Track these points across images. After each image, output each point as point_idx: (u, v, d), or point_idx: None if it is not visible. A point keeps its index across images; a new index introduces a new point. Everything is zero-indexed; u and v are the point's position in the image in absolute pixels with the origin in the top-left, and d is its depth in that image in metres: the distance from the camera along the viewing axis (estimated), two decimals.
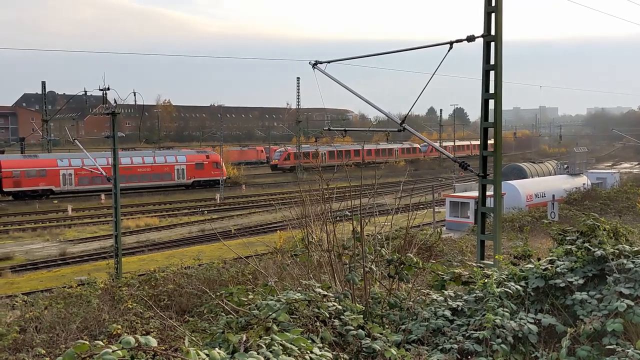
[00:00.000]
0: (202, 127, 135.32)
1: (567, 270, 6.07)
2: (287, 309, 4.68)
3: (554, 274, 6.02)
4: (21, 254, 35.72)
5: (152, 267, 23.78)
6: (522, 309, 5.68)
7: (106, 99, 25.46)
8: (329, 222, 6.23)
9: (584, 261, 6.13)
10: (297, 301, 4.69)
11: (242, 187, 71.20)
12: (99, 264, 30.71)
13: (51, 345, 14.11)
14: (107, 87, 24.71)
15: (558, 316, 5.61)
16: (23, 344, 14.23)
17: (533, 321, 5.32)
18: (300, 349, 3.04)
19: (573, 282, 5.82)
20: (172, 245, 38.00)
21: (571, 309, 5.56)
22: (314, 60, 13.81)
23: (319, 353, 3.06)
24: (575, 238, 6.88)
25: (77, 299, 16.71)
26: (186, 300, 17.36)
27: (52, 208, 54.81)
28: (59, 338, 14.59)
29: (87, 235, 41.95)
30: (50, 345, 13.97)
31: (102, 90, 24.91)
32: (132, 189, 62.17)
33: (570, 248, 6.45)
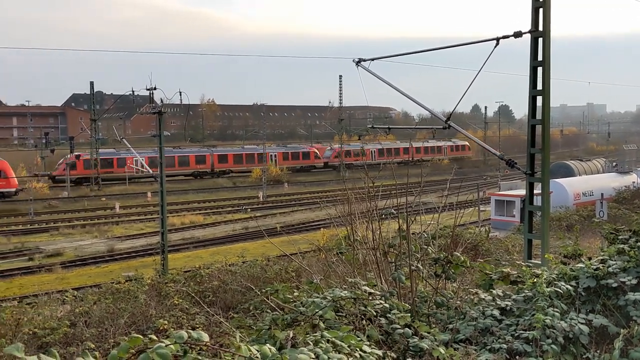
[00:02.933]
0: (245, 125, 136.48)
1: (620, 270, 5.92)
2: (333, 307, 4.68)
3: (605, 274, 5.88)
4: (71, 250, 36.63)
5: (197, 263, 24.11)
6: (573, 309, 5.56)
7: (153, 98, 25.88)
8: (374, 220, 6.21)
9: (638, 261, 5.97)
10: (344, 299, 4.69)
11: (284, 185, 71.56)
12: (146, 261, 31.27)
13: (100, 339, 14.42)
14: (153, 87, 25.14)
15: (610, 317, 5.48)
16: (73, 338, 14.58)
17: (584, 322, 5.20)
18: (350, 346, 3.04)
19: (626, 283, 5.67)
20: (217, 242, 38.44)
21: (624, 309, 5.42)
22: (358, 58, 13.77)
23: (368, 350, 3.05)
24: (628, 237, 6.70)
25: (125, 295, 17.04)
26: (230, 297, 17.53)
27: (101, 205, 56.05)
28: (107, 332, 14.91)
29: (134, 232, 42.77)
30: (99, 340, 14.28)
31: (149, 90, 25.35)
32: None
33: (623, 247, 6.28)
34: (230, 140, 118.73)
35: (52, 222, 46.93)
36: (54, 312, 16.82)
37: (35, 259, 34.07)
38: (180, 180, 71.19)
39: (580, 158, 65.35)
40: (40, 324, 15.28)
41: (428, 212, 7.57)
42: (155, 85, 25.05)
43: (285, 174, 76.32)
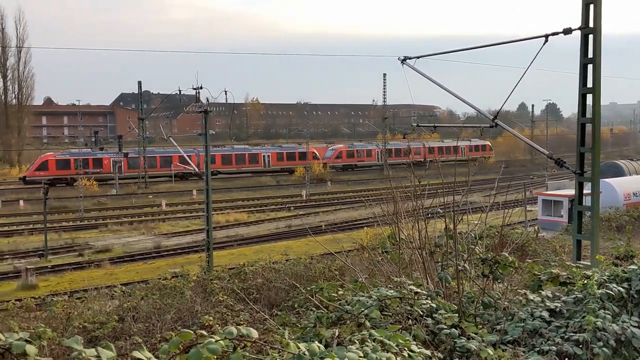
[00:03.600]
0: (289, 124, 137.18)
1: None
2: (379, 306, 4.67)
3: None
4: (119, 246, 37.43)
5: (242, 261, 24.34)
6: (625, 312, 5.43)
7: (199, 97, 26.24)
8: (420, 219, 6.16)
9: None
10: (390, 298, 4.67)
11: (327, 183, 71.64)
12: (191, 257, 31.73)
13: (147, 334, 14.69)
14: (199, 86, 25.49)
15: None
16: (121, 333, 14.89)
17: (637, 325, 5.07)
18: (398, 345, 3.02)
19: None
20: (260, 240, 38.74)
21: None
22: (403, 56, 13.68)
23: (417, 350, 3.03)
24: None
25: (172, 291, 17.32)
26: (274, 295, 17.65)
27: (148, 203, 57.10)
28: (154, 328, 15.18)
29: (180, 229, 43.43)
30: (146, 335, 14.54)
31: (195, 89, 25.72)
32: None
33: None
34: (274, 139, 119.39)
35: (101, 219, 48.00)
36: (103, 307, 17.20)
37: (85, 254, 34.92)
38: (224, 179, 71.96)
39: (630, 157, 63.60)
40: (90, 318, 15.65)
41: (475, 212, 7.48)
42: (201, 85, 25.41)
43: (329, 173, 76.25)
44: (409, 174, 6.68)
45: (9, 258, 34.20)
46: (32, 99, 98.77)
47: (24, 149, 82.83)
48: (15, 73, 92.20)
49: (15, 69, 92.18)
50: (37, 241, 37.31)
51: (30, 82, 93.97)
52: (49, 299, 22.28)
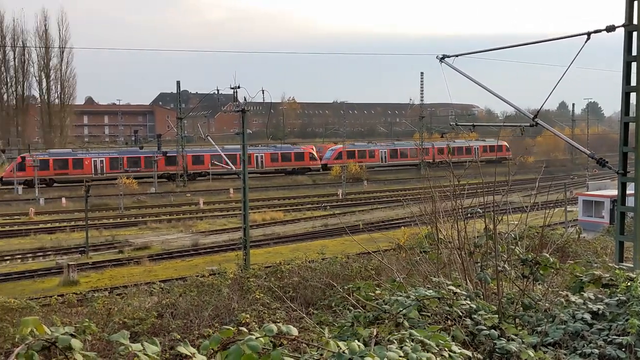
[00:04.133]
0: (325, 123, 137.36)
1: None
2: (417, 306, 4.64)
3: None
4: (158, 243, 37.96)
5: (278, 259, 24.48)
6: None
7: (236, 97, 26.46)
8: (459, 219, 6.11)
9: None
10: (428, 298, 4.65)
11: (364, 182, 71.52)
12: (228, 255, 31.99)
13: (185, 331, 14.89)
14: (237, 86, 25.70)
15: None
16: (160, 329, 15.11)
17: None
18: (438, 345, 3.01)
19: None
20: (296, 239, 38.87)
21: None
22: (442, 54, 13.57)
23: (458, 351, 3.01)
24: None
25: (209, 288, 17.53)
26: (310, 293, 17.71)
27: (186, 201, 57.80)
28: (192, 324, 15.38)
29: (217, 227, 43.85)
30: (184, 331, 14.75)
31: (233, 88, 25.92)
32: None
33: None
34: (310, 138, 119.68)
35: (141, 216, 48.77)
36: (142, 303, 17.49)
37: (125, 251, 35.51)
38: (261, 178, 72.40)
39: None
40: (130, 314, 15.94)
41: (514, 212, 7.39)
42: (239, 84, 25.61)
43: (365, 172, 76.02)
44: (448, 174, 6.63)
45: (52, 254, 35.01)
46: (74, 99, 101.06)
47: (66, 147, 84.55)
48: (58, 73, 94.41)
49: (58, 69, 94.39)
50: (79, 238, 38.08)
51: (72, 82, 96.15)
52: (89, 294, 22.76)
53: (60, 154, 69.27)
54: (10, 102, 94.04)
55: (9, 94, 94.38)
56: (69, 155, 69.29)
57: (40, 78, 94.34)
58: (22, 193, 61.13)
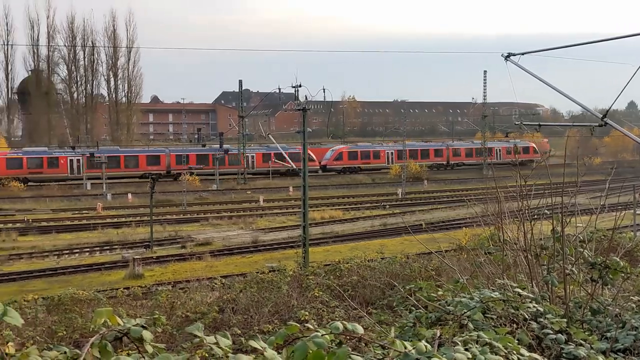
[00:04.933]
0: (385, 122, 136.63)
1: None
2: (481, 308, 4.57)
3: None
4: (219, 240, 38.60)
5: (337, 258, 24.54)
6: None
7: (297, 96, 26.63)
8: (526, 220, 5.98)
9: None
10: (494, 300, 4.56)
11: (424, 182, 70.85)
12: (287, 253, 32.26)
13: (246, 326, 15.11)
14: (298, 85, 25.87)
15: None
16: (221, 323, 15.39)
17: None
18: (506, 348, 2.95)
19: None
20: (355, 237, 38.81)
21: None
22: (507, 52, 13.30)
23: (526, 354, 2.95)
24: None
25: (269, 285, 17.73)
26: (369, 292, 17.68)
27: (246, 198, 58.59)
28: (252, 320, 15.60)
29: (277, 225, 44.26)
30: (245, 326, 14.96)
31: (294, 87, 26.11)
32: None
33: None
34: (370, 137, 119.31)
35: (202, 213, 49.69)
36: (204, 298, 17.87)
37: (187, 247, 36.25)
38: (320, 176, 72.64)
39: None
40: (192, 308, 16.31)
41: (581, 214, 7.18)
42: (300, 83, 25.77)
43: (425, 172, 75.25)
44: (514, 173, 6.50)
45: (118, 248, 36.08)
46: (140, 97, 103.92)
47: (132, 144, 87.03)
48: (125, 72, 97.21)
49: (125, 69, 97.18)
50: (144, 233, 39.11)
51: (139, 81, 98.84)
52: (154, 288, 23.39)
53: (36, 153, 67.41)
54: (80, 101, 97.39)
55: (79, 93, 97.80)
56: (44, 154, 67.38)
57: (109, 77, 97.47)
58: (90, 188, 63.23)
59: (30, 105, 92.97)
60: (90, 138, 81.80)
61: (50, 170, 65.04)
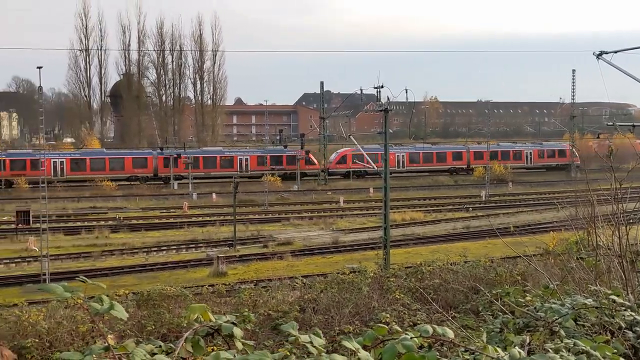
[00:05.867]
0: (468, 123, 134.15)
1: None
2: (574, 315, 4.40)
3: None
4: (300, 240, 38.99)
5: (418, 260, 24.26)
6: None
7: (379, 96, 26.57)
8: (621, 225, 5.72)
9: None
10: (587, 307, 4.39)
11: (508, 184, 69.05)
12: (367, 254, 32.18)
13: (326, 326, 15.17)
14: (380, 85, 25.79)
15: None
16: (302, 323, 15.49)
17: None
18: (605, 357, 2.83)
19: None
20: (437, 240, 38.32)
21: None
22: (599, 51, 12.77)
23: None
24: None
25: (349, 285, 17.72)
26: (452, 296, 17.37)
27: (327, 199, 58.92)
28: (333, 320, 15.64)
29: (357, 226, 44.28)
30: (325, 326, 15.02)
31: (376, 88, 26.05)
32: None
33: None
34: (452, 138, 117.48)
35: (284, 213, 50.34)
36: (285, 297, 18.05)
37: (269, 246, 36.83)
38: (401, 177, 72.12)
39: None
40: (274, 306, 16.51)
41: None
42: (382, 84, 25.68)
43: (510, 173, 73.29)
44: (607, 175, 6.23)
45: (203, 246, 37.11)
46: (224, 100, 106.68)
47: (217, 145, 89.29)
48: (211, 75, 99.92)
49: (211, 72, 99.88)
50: (227, 232, 40.02)
51: (224, 84, 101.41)
52: (237, 286, 23.88)
53: (19, 154, 67.76)
54: (168, 103, 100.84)
55: (167, 95, 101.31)
56: (27, 155, 66.76)
57: (195, 80, 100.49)
58: (177, 188, 65.34)
59: (122, 107, 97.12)
60: (178, 139, 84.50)
61: (33, 172, 60.52)
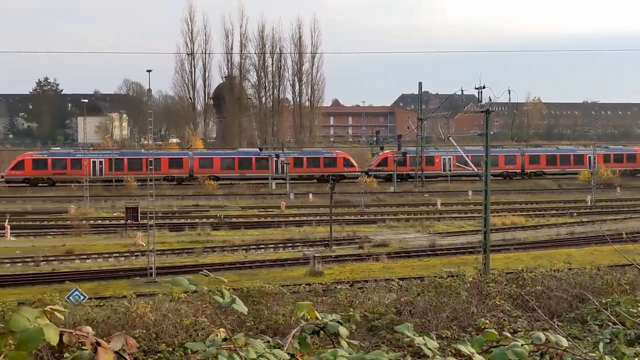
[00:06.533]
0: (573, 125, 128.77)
1: None
2: None
3: None
4: (396, 242, 38.74)
5: (518, 266, 23.56)
6: None
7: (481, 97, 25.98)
8: None
9: None
10: None
11: (616, 189, 65.64)
12: (465, 258, 31.51)
13: (423, 329, 15.02)
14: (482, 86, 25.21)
15: None
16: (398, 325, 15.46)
17: None
18: None
19: None
20: (539, 246, 37.00)
21: None
22: None
23: None
24: None
25: (447, 290, 17.48)
26: (555, 304, 16.79)
27: (424, 201, 58.26)
28: (430, 324, 15.47)
29: (455, 229, 43.49)
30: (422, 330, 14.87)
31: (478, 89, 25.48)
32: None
33: None
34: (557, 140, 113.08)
35: (380, 214, 50.20)
36: (381, 299, 18.04)
37: (365, 247, 36.83)
38: (501, 181, 70.21)
39: None
40: (370, 308, 16.57)
41: None
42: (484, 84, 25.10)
43: (618, 178, 69.65)
44: None
45: (299, 245, 37.63)
46: (322, 101, 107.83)
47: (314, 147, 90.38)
48: (309, 77, 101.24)
49: (309, 74, 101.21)
50: (323, 232, 40.37)
51: (321, 85, 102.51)
52: (332, 286, 24.06)
53: (60, 154, 69.93)
54: (268, 105, 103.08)
55: (267, 97, 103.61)
56: (68, 155, 69.41)
57: (294, 82, 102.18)
58: (275, 188, 66.63)
59: (224, 109, 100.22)
60: (276, 140, 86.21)
61: (73, 171, 65.39)
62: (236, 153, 73.84)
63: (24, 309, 1.78)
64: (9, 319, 1.81)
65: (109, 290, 24.48)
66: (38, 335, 1.71)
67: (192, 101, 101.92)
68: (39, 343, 1.74)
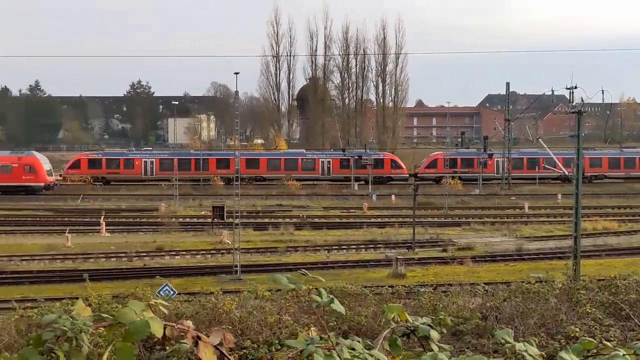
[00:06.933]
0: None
1: None
2: None
3: None
4: (481, 245, 37.97)
5: (611, 273, 22.57)
6: None
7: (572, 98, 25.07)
8: None
9: None
10: None
11: None
12: (554, 264, 30.56)
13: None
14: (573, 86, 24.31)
15: None
16: (484, 330, 15.12)
17: None
18: None
19: None
20: (633, 252, 35.36)
21: None
22: None
23: None
24: None
25: (535, 295, 16.95)
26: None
27: (510, 204, 56.81)
28: (517, 331, 15.04)
29: (543, 233, 42.17)
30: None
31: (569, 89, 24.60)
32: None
33: None
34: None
35: (464, 217, 49.32)
36: (466, 303, 17.68)
37: (449, 250, 36.28)
38: (593, 184, 67.48)
39: None
40: (454, 312, 16.26)
41: None
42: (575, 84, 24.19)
43: None
44: None
45: (382, 247, 37.51)
46: (406, 102, 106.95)
47: (396, 147, 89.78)
48: (393, 78, 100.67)
49: (393, 74, 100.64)
50: (406, 234, 40.06)
51: (405, 86, 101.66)
52: (415, 288, 23.85)
53: (113, 154, 73.38)
54: (351, 106, 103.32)
55: (350, 98, 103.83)
56: (121, 155, 72.60)
57: (377, 83, 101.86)
58: (357, 189, 66.71)
59: (308, 110, 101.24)
60: (359, 141, 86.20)
61: (126, 170, 69.07)
62: (282, 154, 75.76)
63: (132, 301, 1.88)
64: (117, 312, 1.91)
65: (197, 286, 25.16)
66: (144, 327, 1.80)
67: (276, 102, 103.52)
68: (145, 335, 1.84)
